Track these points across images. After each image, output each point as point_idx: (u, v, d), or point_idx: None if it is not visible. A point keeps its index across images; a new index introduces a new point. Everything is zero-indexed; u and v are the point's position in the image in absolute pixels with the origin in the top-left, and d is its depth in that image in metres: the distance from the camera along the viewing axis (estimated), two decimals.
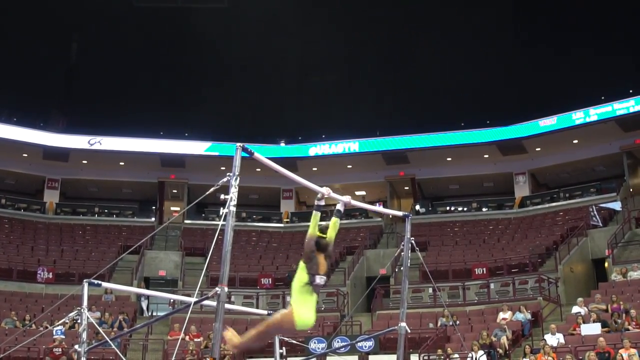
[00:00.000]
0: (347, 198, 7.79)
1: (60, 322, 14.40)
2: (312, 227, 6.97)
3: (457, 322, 21.50)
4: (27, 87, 33.42)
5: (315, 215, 7.04)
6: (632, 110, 28.96)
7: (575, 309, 20.26)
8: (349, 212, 33.80)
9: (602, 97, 29.72)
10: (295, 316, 6.82)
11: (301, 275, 6.89)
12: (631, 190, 29.96)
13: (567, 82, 32.51)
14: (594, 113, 29.72)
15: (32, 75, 34.00)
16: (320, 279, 6.92)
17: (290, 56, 35.92)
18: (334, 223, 7.24)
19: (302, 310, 6.83)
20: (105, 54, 35.02)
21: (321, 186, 7.56)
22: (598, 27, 32.42)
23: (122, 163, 33.32)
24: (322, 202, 7.27)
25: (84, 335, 7.78)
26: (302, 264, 6.92)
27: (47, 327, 20.37)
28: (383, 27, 35.22)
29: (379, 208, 27.20)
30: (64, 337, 20.12)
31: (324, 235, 7.07)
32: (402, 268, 9.15)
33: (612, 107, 29.37)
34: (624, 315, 18.86)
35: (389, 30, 35.30)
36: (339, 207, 7.52)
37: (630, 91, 29.15)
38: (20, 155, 31.95)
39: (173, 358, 13.23)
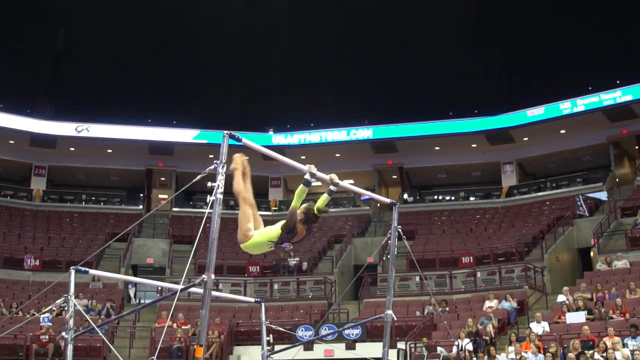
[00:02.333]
0: (332, 176, 7.52)
1: (47, 309, 14.39)
2: (297, 199, 6.89)
3: (447, 309, 21.64)
4: (13, 73, 33.17)
5: (302, 189, 6.92)
6: (618, 100, 29.09)
7: (561, 298, 20.41)
8: (337, 201, 33.85)
9: (590, 88, 29.85)
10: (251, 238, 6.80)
11: (274, 233, 6.86)
12: (617, 180, 30.14)
13: (554, 72, 32.62)
14: (581, 103, 29.84)
15: (19, 61, 33.79)
16: (288, 246, 6.92)
17: (279, 44, 35.83)
18: (324, 199, 7.20)
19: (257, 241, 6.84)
20: (93, 40, 34.82)
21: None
22: (585, 18, 32.49)
23: (109, 150, 33.19)
24: (312, 180, 7.08)
25: (71, 322, 7.79)
26: (278, 228, 6.87)
27: (34, 315, 20.35)
28: (373, 15, 35.17)
29: (367, 192, 27.23)
30: (51, 324, 20.11)
31: (314, 210, 6.98)
32: (389, 256, 9.19)
33: (599, 97, 29.50)
34: (607, 296, 19.03)
35: (379, 19, 35.26)
36: (331, 187, 7.37)
37: (617, 82, 29.27)
38: (6, 142, 31.76)
39: (160, 345, 13.24)
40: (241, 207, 6.96)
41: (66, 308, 7.99)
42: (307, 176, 7.05)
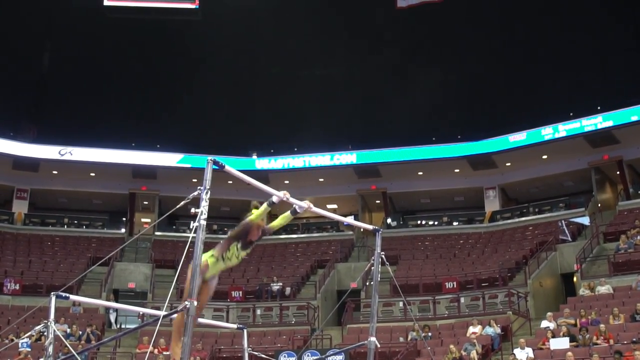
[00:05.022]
0: (305, 203, 7.44)
1: (27, 334, 14.21)
2: (258, 216, 7.24)
3: (430, 334, 21.57)
4: None
5: (267, 208, 7.22)
6: (599, 126, 29.35)
7: (545, 324, 20.42)
8: (320, 226, 33.86)
9: (571, 114, 30.10)
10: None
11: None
12: (599, 205, 30.33)
13: (536, 98, 32.88)
14: (563, 129, 30.07)
15: (3, 84, 33.61)
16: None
17: (263, 69, 35.92)
18: (282, 217, 7.51)
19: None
20: (77, 63, 34.74)
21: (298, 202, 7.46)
22: (566, 44, 32.84)
23: (92, 174, 33.02)
24: (276, 200, 7.22)
25: (50, 349, 7.68)
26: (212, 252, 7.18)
27: (12, 340, 20.08)
28: (355, 43, 35.36)
29: (349, 219, 27.16)
30: (29, 349, 19.84)
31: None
32: (372, 282, 9.16)
33: (580, 123, 29.74)
34: (591, 321, 19.04)
35: (362, 45, 35.44)
36: (273, 199, 7.27)
37: (598, 108, 29.56)
38: None
39: None
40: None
41: (45, 334, 7.88)
42: (273, 198, 7.20)
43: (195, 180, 30.56)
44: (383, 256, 8.97)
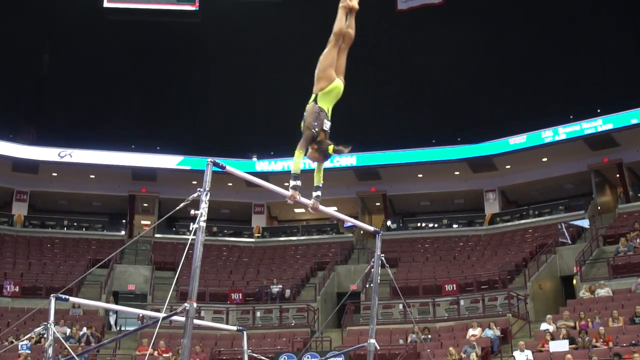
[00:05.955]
0: (311, 202, 7.66)
1: (27, 336, 14.20)
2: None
3: (430, 337, 21.57)
4: None
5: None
6: (599, 129, 29.33)
7: (544, 326, 20.42)
8: (320, 228, 33.86)
9: (571, 116, 30.10)
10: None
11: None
12: (599, 208, 30.33)
13: (536, 100, 32.87)
14: (563, 132, 30.07)
15: (2, 85, 33.61)
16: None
17: (263, 71, 35.93)
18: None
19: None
20: (76, 65, 34.74)
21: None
22: (566, 47, 32.85)
23: (92, 176, 33.02)
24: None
25: (50, 351, 7.68)
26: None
27: (12, 342, 20.07)
28: (355, 44, 35.34)
29: (351, 219, 27.20)
30: (29, 351, 19.84)
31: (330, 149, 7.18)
32: (372, 284, 9.17)
33: (581, 126, 29.72)
34: (590, 324, 19.03)
35: (361, 46, 35.45)
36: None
37: (598, 110, 29.56)
38: None
39: None
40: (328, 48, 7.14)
41: (45, 336, 7.88)
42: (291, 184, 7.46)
43: (195, 182, 30.56)
44: (383, 258, 8.99)
